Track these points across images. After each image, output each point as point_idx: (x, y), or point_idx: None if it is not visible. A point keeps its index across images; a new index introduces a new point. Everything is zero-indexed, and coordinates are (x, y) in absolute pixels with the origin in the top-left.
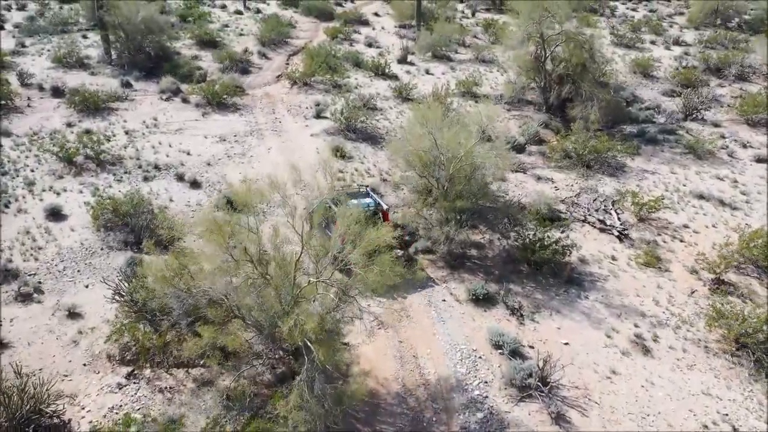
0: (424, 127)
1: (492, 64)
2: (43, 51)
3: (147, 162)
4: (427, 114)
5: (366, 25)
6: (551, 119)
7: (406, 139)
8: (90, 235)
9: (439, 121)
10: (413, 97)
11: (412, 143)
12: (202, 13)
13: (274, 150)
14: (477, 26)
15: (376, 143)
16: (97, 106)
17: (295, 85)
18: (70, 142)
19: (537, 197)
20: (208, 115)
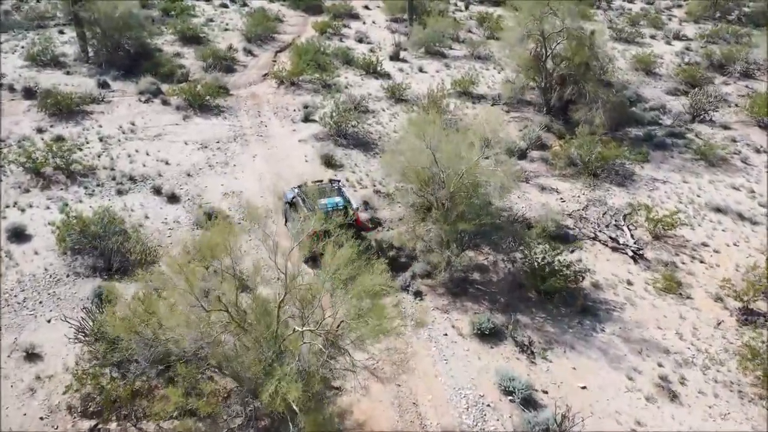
0: (422, 139)
1: (488, 61)
2: (16, 48)
3: (122, 173)
4: (425, 126)
5: (356, 18)
6: (553, 122)
7: (401, 152)
8: (55, 259)
9: (437, 134)
10: (407, 98)
11: (407, 157)
12: (185, 7)
13: (260, 158)
14: (471, 20)
15: (369, 150)
16: (70, 110)
17: (282, 84)
18: (38, 150)
19: (542, 211)
20: (189, 118)
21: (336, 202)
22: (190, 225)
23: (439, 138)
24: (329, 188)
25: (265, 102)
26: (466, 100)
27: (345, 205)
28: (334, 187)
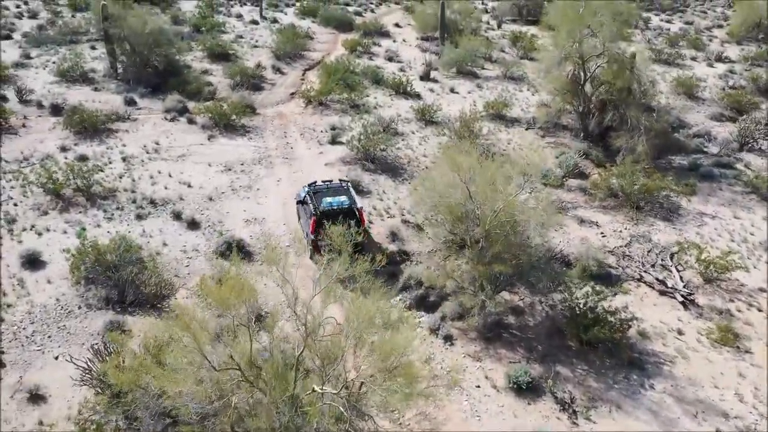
0: (455, 172)
1: (521, 82)
2: (48, 63)
3: (142, 195)
4: (458, 157)
5: (386, 36)
6: (591, 148)
7: (432, 182)
8: (68, 289)
9: (473, 167)
10: (437, 120)
11: (440, 191)
12: (215, 23)
13: (284, 182)
14: (503, 39)
15: (397, 175)
16: (95, 128)
17: (309, 104)
18: (59, 170)
19: (582, 247)
20: (214, 138)
21: (341, 201)
22: (209, 254)
23: (474, 169)
24: (337, 188)
25: (292, 122)
26: (499, 123)
27: (349, 203)
28: (343, 187)
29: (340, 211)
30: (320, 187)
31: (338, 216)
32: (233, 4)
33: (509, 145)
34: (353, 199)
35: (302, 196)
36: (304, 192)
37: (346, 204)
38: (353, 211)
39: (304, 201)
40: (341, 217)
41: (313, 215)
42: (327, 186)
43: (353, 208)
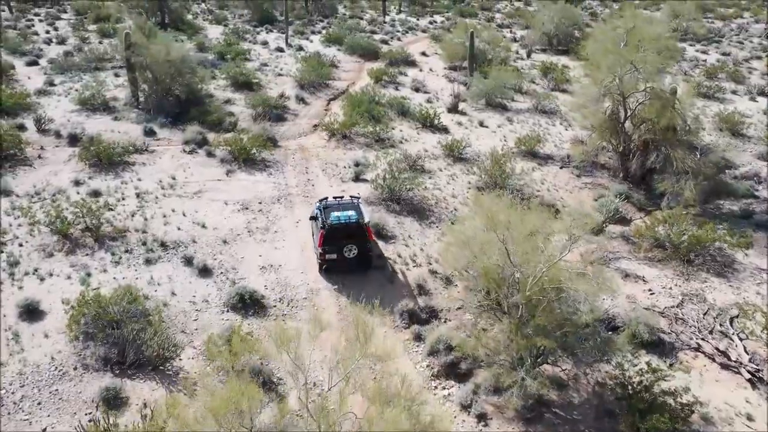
0: (491, 227)
1: (554, 115)
2: (70, 90)
3: (153, 237)
4: (493, 208)
5: (413, 65)
6: (632, 190)
7: (464, 235)
8: (65, 345)
9: (512, 221)
10: (466, 156)
11: (473, 248)
12: (240, 51)
13: (304, 223)
14: (533, 69)
15: (424, 218)
16: (110, 161)
17: (333, 137)
18: (69, 208)
19: (629, 308)
20: (232, 173)
21: (348, 216)
22: (219, 306)
23: (511, 221)
24: (347, 204)
25: (314, 156)
26: (531, 160)
27: (357, 218)
28: (353, 203)
29: (347, 225)
30: (331, 203)
31: (346, 230)
32: (259, 31)
33: (543, 185)
34: (361, 215)
35: (314, 212)
36: (316, 208)
37: (354, 219)
38: (361, 226)
39: (315, 217)
40: (349, 232)
41: (321, 229)
42: (338, 202)
43: (361, 222)
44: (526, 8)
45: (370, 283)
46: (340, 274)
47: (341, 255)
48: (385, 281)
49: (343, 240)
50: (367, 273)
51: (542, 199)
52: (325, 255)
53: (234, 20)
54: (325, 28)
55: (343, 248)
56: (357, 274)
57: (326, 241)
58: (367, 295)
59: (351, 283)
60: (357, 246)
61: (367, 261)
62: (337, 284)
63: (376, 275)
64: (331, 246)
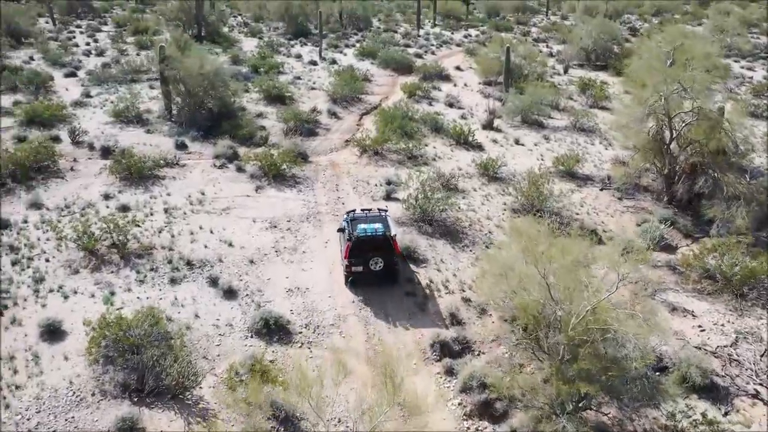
0: (530, 258)
1: (593, 134)
2: (106, 102)
3: (180, 255)
4: (533, 239)
5: (447, 80)
6: (677, 215)
7: (501, 265)
8: (84, 369)
9: (552, 253)
10: (501, 176)
11: (511, 281)
12: (274, 64)
13: (333, 244)
14: (571, 85)
15: (457, 240)
16: (141, 175)
17: (364, 153)
18: (96, 223)
19: (678, 346)
20: (262, 189)
21: (375, 228)
22: (243, 331)
23: (552, 253)
24: (375, 216)
25: (345, 173)
26: (569, 181)
27: (384, 231)
28: (381, 216)
29: (374, 238)
30: (359, 215)
31: (372, 243)
32: (294, 44)
33: (582, 208)
34: (388, 227)
35: (342, 225)
36: (344, 220)
37: (381, 231)
38: (387, 239)
39: (343, 229)
40: (375, 245)
41: (348, 240)
42: (365, 214)
43: (387, 235)
44: (563, 22)
45: (401, 310)
46: (369, 296)
47: (367, 267)
48: (415, 308)
49: (369, 252)
50: (400, 299)
51: (582, 224)
52: (351, 267)
53: (269, 33)
54: (359, 41)
55: (369, 261)
56: (386, 298)
57: (352, 254)
58: (398, 323)
59: (380, 307)
60: (383, 259)
61: (393, 274)
62: (366, 309)
63: (406, 302)
64: (357, 258)
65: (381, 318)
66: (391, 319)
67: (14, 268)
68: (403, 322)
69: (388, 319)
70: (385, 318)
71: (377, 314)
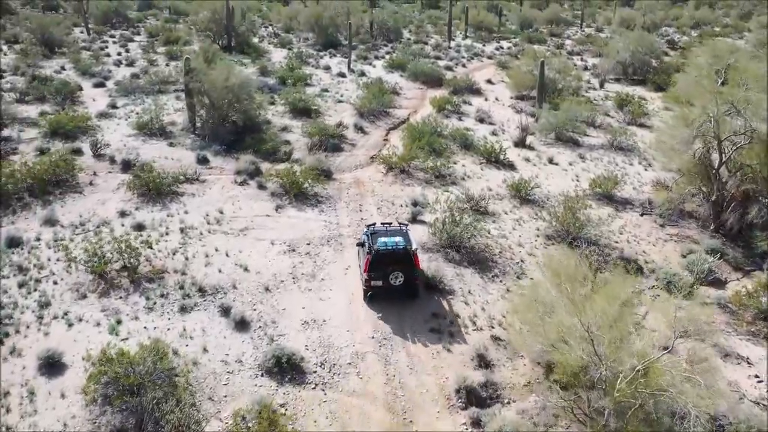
0: (572, 309)
1: (631, 153)
2: (131, 114)
3: (192, 280)
4: (573, 284)
5: (478, 94)
6: (726, 246)
7: (537, 309)
8: (80, 409)
9: (597, 300)
10: (534, 198)
11: (548, 333)
12: (301, 76)
13: (353, 270)
14: (607, 100)
15: (486, 269)
16: (159, 192)
17: (390, 170)
18: (110, 242)
19: (732, 401)
20: (282, 208)
21: (395, 242)
22: (254, 368)
23: (596, 300)
24: (395, 230)
25: (370, 192)
26: (607, 205)
27: (405, 245)
28: (401, 230)
29: (394, 251)
30: (379, 229)
31: (393, 257)
32: (323, 55)
33: (621, 236)
34: (409, 241)
35: (362, 239)
36: (363, 234)
37: (401, 245)
38: (408, 253)
39: (363, 243)
40: (395, 259)
41: (367, 254)
42: (386, 228)
43: (408, 249)
44: (598, 35)
45: (424, 348)
46: (390, 329)
47: (387, 282)
48: (440, 346)
49: (389, 266)
50: (424, 335)
51: (621, 253)
52: (370, 281)
53: (299, 44)
54: (389, 53)
55: (389, 275)
56: (408, 332)
57: (372, 267)
58: (420, 363)
59: (401, 344)
60: (403, 273)
61: (413, 290)
62: (386, 346)
63: (430, 338)
64: (377, 272)
65: (402, 357)
66: (413, 359)
67: (20, 291)
68: (427, 363)
69: (410, 359)
70: (407, 357)
71: (398, 352)
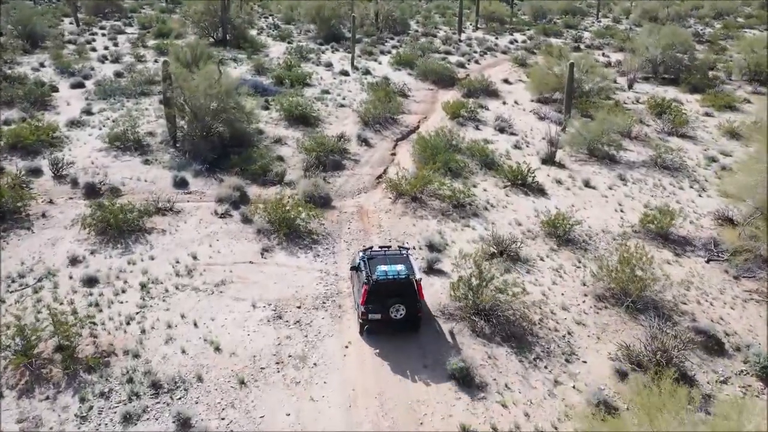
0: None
1: (679, 173)
2: (106, 122)
3: (145, 368)
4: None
5: (495, 96)
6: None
7: None
8: None
9: None
10: (574, 236)
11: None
12: (300, 75)
13: (354, 351)
14: (638, 103)
15: (526, 347)
16: (120, 229)
17: (400, 197)
18: (46, 309)
19: None
20: (270, 252)
21: (397, 271)
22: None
23: None
24: (396, 255)
25: (375, 226)
26: (661, 244)
27: (407, 274)
28: (402, 255)
29: (396, 281)
30: (377, 253)
31: (394, 287)
32: (324, 50)
33: (687, 292)
34: (412, 269)
35: (357, 262)
36: (359, 258)
37: (404, 274)
38: (411, 283)
39: (358, 267)
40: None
41: (365, 284)
42: (384, 253)
43: (411, 278)
44: (616, 26)
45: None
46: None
47: (387, 315)
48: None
49: (390, 298)
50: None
51: (693, 320)
52: (367, 315)
53: (299, 36)
54: (396, 47)
55: (389, 308)
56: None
57: (370, 299)
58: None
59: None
60: (405, 306)
61: (415, 322)
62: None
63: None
64: (376, 305)
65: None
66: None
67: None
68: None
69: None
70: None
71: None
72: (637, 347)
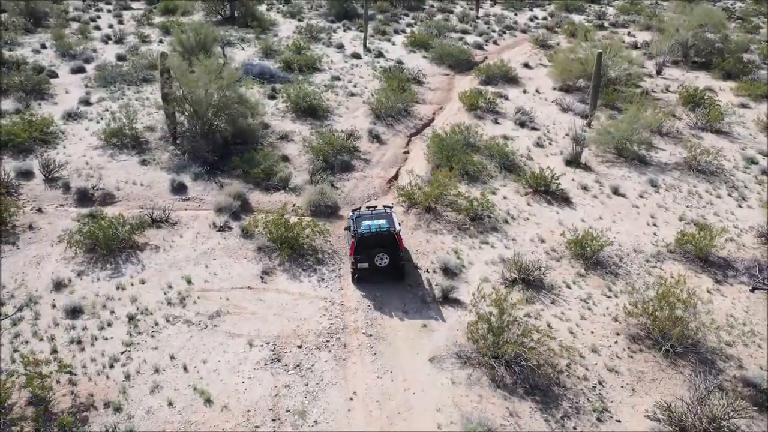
0: None
1: (716, 178)
2: (105, 113)
3: (126, 428)
4: None
5: (515, 83)
6: None
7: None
8: None
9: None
10: (602, 258)
11: None
12: (309, 59)
13: (360, 404)
14: (668, 92)
15: (552, 401)
16: (109, 248)
17: (412, 207)
18: (23, 346)
19: None
20: (270, 275)
21: (379, 225)
22: None
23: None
24: (380, 213)
25: None
26: (699, 269)
27: (388, 227)
28: (386, 213)
29: (378, 234)
30: (363, 213)
31: (377, 239)
32: (336, 28)
33: (732, 332)
34: (392, 223)
35: (349, 223)
36: (350, 218)
37: (385, 228)
38: (392, 234)
39: (349, 227)
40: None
41: (353, 237)
42: (371, 212)
43: (391, 231)
44: (642, 1)
45: None
46: None
47: (373, 264)
48: None
49: (374, 249)
50: None
51: (739, 367)
52: (356, 264)
53: (310, 12)
54: (410, 24)
55: (374, 257)
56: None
57: (358, 250)
58: None
59: None
60: (388, 255)
61: (399, 270)
62: None
63: None
64: (363, 255)
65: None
66: None
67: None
68: None
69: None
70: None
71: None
72: (680, 408)
